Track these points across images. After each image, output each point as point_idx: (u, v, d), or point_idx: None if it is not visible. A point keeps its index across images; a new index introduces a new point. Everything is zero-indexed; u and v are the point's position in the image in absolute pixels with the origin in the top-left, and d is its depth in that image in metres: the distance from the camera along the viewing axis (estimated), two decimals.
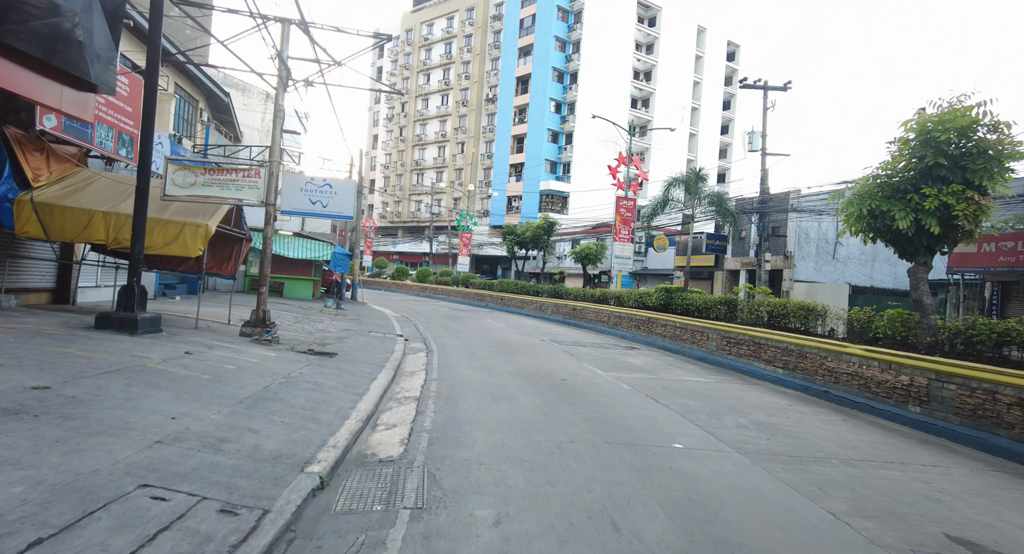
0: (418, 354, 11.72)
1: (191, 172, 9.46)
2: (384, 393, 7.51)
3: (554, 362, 11.54)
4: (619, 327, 18.81)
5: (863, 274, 26.24)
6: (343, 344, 11.24)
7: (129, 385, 5.41)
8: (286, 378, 7.01)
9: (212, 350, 7.95)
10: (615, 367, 11.44)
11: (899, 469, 5.57)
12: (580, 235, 42.13)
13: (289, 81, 9.95)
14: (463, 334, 16.05)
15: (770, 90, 25.37)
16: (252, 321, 9.82)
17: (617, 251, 20.20)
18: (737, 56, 67.33)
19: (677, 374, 11.18)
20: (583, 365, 11.41)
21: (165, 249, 9.44)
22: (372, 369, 8.83)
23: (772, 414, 7.89)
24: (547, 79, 52.99)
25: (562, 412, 6.95)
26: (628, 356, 13.52)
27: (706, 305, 14.61)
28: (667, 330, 15.69)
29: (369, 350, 10.90)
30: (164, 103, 15.59)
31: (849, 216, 8.71)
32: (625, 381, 9.73)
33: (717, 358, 13.03)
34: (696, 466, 5.17)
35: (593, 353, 13.61)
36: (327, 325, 14.81)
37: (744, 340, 12.17)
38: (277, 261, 24.63)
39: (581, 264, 25.06)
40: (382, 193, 71.26)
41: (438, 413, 6.54)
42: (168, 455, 3.91)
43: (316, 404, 6.09)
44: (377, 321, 17.80)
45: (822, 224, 26.16)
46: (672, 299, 16.17)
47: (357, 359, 9.48)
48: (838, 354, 9.22)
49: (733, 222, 19.18)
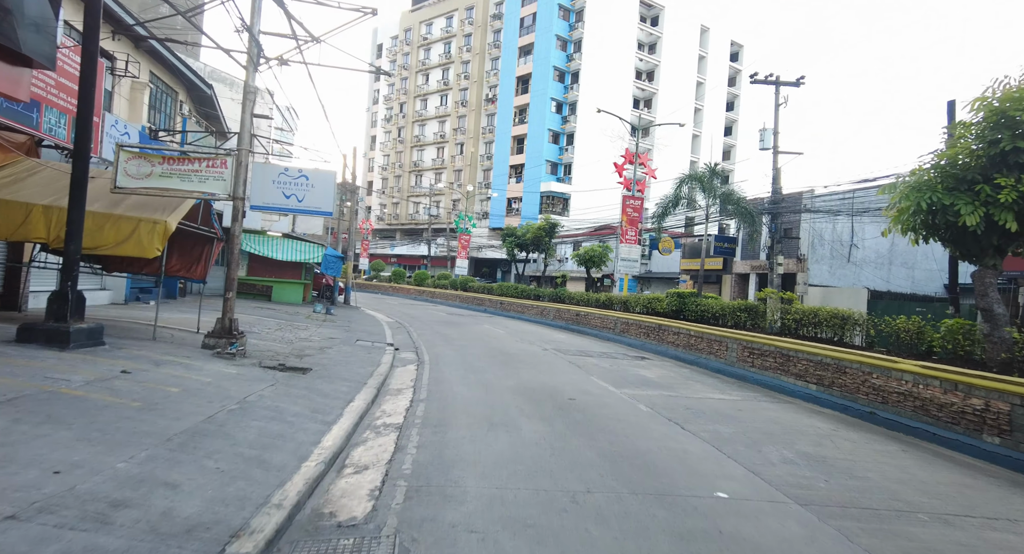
0: (408, 367, 10.53)
1: (147, 161, 8.28)
2: (360, 420, 6.31)
3: (559, 376, 10.35)
4: (626, 334, 17.62)
5: (879, 278, 25.06)
6: (323, 356, 10.05)
7: (17, 422, 4.21)
8: (240, 403, 5.81)
9: (159, 367, 6.76)
10: (627, 382, 10.25)
11: (1011, 530, 4.37)
12: (582, 237, 40.98)
13: (261, 59, 8.80)
14: (459, 342, 14.87)
15: (782, 85, 24.24)
16: (216, 331, 8.63)
17: (624, 253, 19.03)
18: (741, 56, 66.32)
19: (697, 390, 9.99)
20: (591, 379, 10.21)
21: (118, 249, 8.25)
22: (351, 388, 7.63)
23: (818, 442, 6.70)
24: (548, 79, 51.93)
25: (573, 445, 5.75)
26: (640, 368, 12.33)
27: (723, 312, 13.43)
28: (680, 338, 14.51)
29: (352, 363, 9.71)
30: (137, 92, 14.44)
31: (902, 212, 7.53)
32: (641, 400, 8.53)
33: (738, 370, 11.84)
34: (753, 529, 3.98)
35: (601, 364, 12.42)
36: (311, 332, 13.63)
37: (770, 351, 10.98)
38: (265, 264, 23.49)
39: (585, 267, 23.88)
40: (380, 195, 70.14)
41: (422, 448, 5.35)
42: (15, 541, 2.72)
43: (270, 439, 4.90)
44: (368, 327, 16.62)
45: (837, 225, 25.01)
46: (685, 305, 14.99)
47: (335, 375, 8.29)
48: (886, 370, 8.03)
49: (752, 222, 17.99)
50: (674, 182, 17.87)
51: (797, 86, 24.59)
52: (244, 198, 8.63)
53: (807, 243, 24.92)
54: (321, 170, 9.10)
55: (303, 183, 8.66)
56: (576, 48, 52.70)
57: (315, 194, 8.76)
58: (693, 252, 31.91)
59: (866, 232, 25.18)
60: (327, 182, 8.83)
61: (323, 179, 8.80)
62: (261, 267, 23.71)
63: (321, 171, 9.01)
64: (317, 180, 8.75)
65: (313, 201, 8.75)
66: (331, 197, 8.88)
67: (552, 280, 33.22)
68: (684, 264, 32.15)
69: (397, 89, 68.97)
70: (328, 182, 8.83)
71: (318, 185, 8.76)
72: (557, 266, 41.34)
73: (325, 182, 8.81)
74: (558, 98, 52.67)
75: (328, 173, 8.95)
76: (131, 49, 13.89)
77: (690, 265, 31.68)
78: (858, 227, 25.12)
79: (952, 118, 15.42)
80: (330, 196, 8.86)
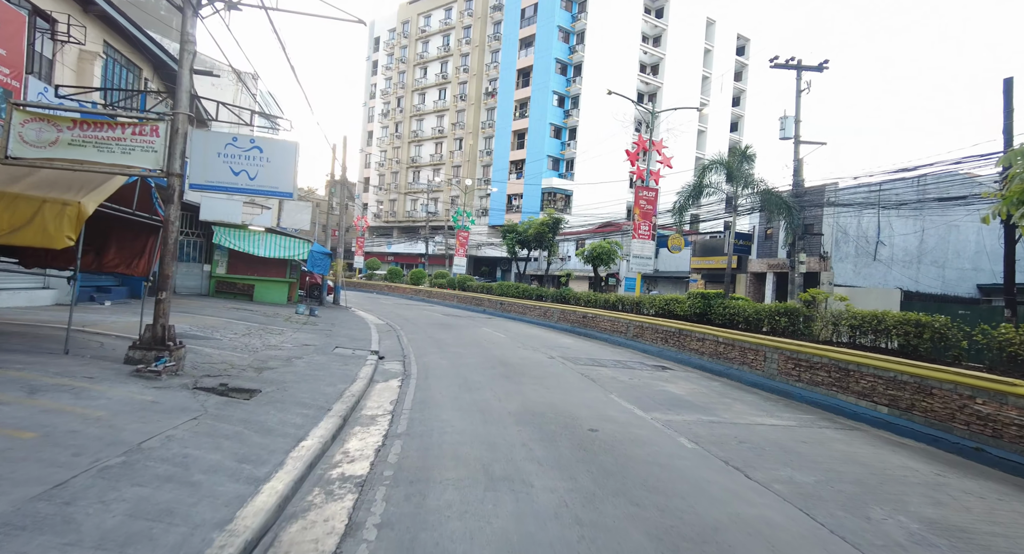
0: (390, 382, 8.76)
1: (52, 125, 6.50)
2: (309, 470, 4.54)
3: (572, 394, 8.58)
4: (640, 339, 15.85)
5: (907, 277, 23.32)
6: (287, 369, 8.27)
7: None
8: (128, 454, 4.04)
9: (33, 396, 4.98)
10: (654, 401, 8.48)
11: None
12: (586, 235, 39.22)
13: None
14: (454, 349, 13.10)
15: (804, 70, 22.53)
16: (145, 341, 6.84)
17: (636, 249, 17.25)
18: (747, 50, 64.51)
19: (741, 413, 8.22)
20: (611, 398, 8.44)
21: (14, 237, 6.47)
22: (307, 418, 5.86)
23: (934, 499, 4.94)
24: (550, 71, 50.14)
25: (610, 517, 3.98)
26: (663, 381, 10.56)
27: (758, 315, 11.67)
28: (705, 346, 12.74)
29: (320, 379, 7.93)
30: (86, 62, 12.65)
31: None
32: (680, 430, 6.77)
33: (779, 385, 10.08)
34: None
35: (618, 377, 10.65)
36: (285, 338, 11.86)
37: (821, 363, 9.22)
38: (247, 261, 21.71)
39: (592, 265, 22.10)
40: (377, 191, 68.36)
41: (388, 528, 3.57)
42: None
43: (145, 524, 3.12)
44: (352, 332, 14.85)
45: (862, 220, 23.25)
46: (711, 307, 13.21)
47: (292, 398, 6.51)
48: (999, 395, 6.26)
49: (788, 214, 16.18)
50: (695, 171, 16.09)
51: (820, 71, 22.87)
52: (181, 175, 6.85)
53: (831, 240, 23.17)
54: (279, 140, 7.33)
55: (256, 157, 6.89)
56: (579, 40, 50.93)
57: (272, 170, 6.98)
58: (705, 250, 30.16)
59: (893, 228, 23.44)
60: (287, 155, 7.04)
61: (282, 152, 7.02)
62: (242, 264, 21.91)
63: (279, 141, 7.23)
64: (274, 153, 6.97)
65: (269, 179, 6.97)
66: (291, 174, 7.09)
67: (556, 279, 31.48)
68: (695, 262, 30.40)
69: (394, 83, 67.17)
70: (288, 155, 7.04)
71: (276, 159, 6.98)
72: (559, 265, 39.56)
73: (284, 155, 7.03)
74: (560, 91, 50.89)
75: (288, 145, 7.15)
76: (78, 12, 12.11)
77: (701, 264, 29.93)
78: (884, 223, 23.39)
79: (1009, 97, 13.78)
80: (290, 173, 7.08)
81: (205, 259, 21.88)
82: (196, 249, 21.76)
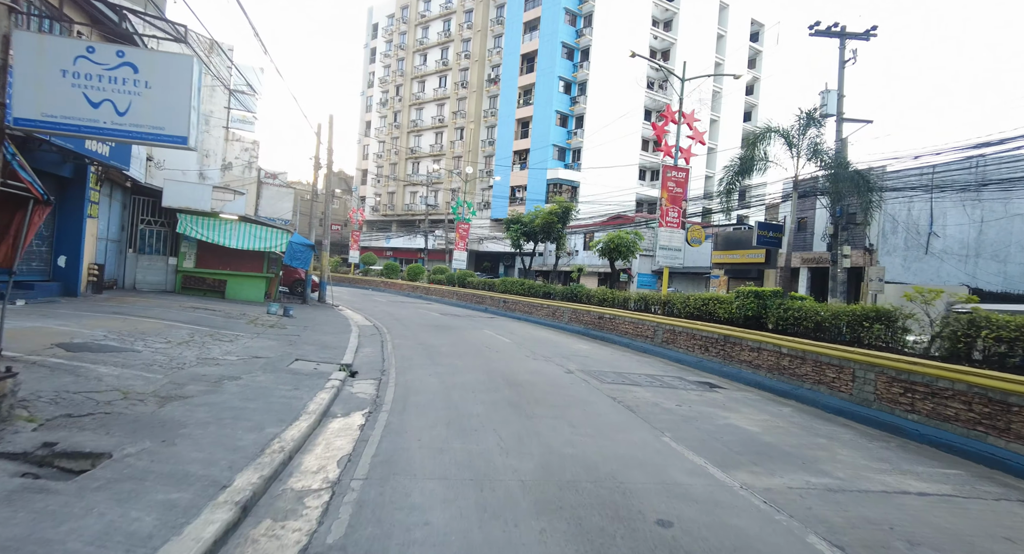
0: (351, 418, 6.21)
1: None
2: None
3: (609, 436, 6.02)
4: (672, 346, 13.28)
5: (964, 273, 20.67)
6: (202, 401, 5.73)
7: None
8: None
9: None
10: (729, 448, 5.92)
11: None
12: (595, 228, 36.57)
13: None
14: (448, 360, 10.56)
15: (848, 38, 19.89)
16: None
17: (663, 240, 14.64)
18: (761, 36, 61.60)
19: (856, 465, 5.64)
20: (668, 444, 5.88)
21: None
22: (170, 514, 3.31)
23: None
24: (555, 56, 47.38)
25: None
26: (722, 409, 8.00)
27: (836, 321, 9.07)
28: (762, 357, 10.15)
29: (242, 419, 5.38)
30: None
31: None
32: (797, 512, 4.20)
33: (879, 415, 7.51)
34: None
35: (661, 402, 8.09)
36: (234, 347, 9.33)
37: (955, 391, 6.63)
38: (219, 253, 19.18)
39: (608, 258, 19.50)
40: (375, 183, 65.76)
41: None
42: None
43: None
44: (326, 337, 12.32)
45: (912, 209, 20.60)
46: (767, 309, 10.62)
47: (164, 468, 3.96)
48: None
49: (868, 195, 13.45)
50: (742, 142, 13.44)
51: (866, 39, 20.20)
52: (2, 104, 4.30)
53: (877, 231, 20.52)
54: (164, 53, 4.83)
55: (128, 79, 4.37)
56: (586, 23, 48.16)
57: (154, 101, 4.46)
58: (728, 243, 27.53)
59: (947, 218, 20.78)
60: (179, 77, 4.50)
61: (169, 71, 4.48)
62: (213, 257, 19.38)
63: (164, 55, 4.70)
64: (157, 73, 4.43)
65: (149, 115, 4.45)
66: (185, 109, 4.54)
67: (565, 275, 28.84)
68: (716, 257, 27.77)
69: (393, 71, 64.49)
70: (180, 77, 4.50)
71: (159, 84, 4.45)
72: (567, 260, 36.95)
73: (175, 77, 4.49)
74: (566, 77, 48.13)
75: (180, 58, 4.58)
76: None
77: (724, 258, 27.31)
78: (937, 212, 20.73)
79: None
80: (184, 105, 4.53)
81: (171, 251, 19.37)
82: (160, 240, 19.25)
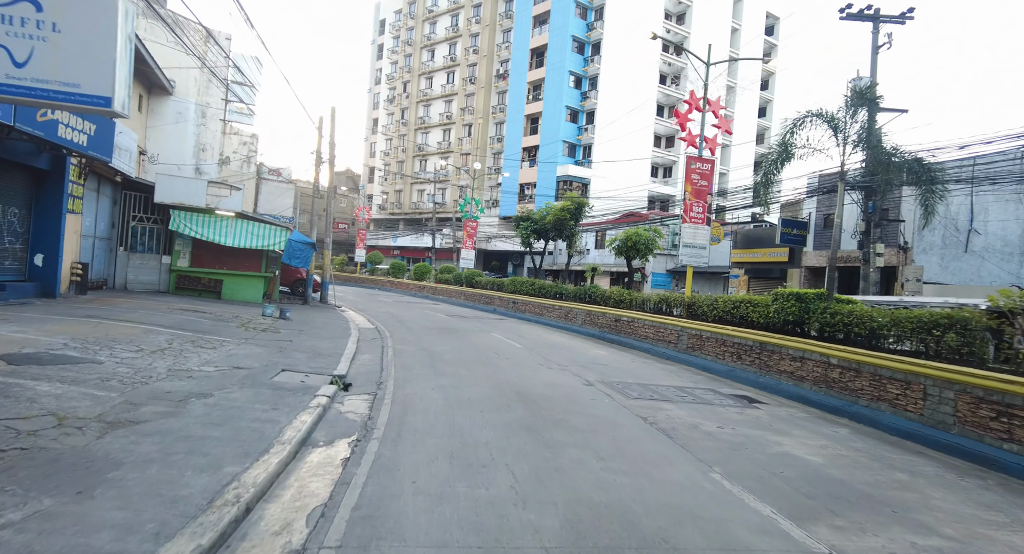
0: (334, 449, 5.17)
1: None
2: None
3: (647, 472, 4.93)
4: (698, 353, 12.15)
5: (1007, 273, 19.30)
6: (156, 427, 4.72)
7: None
8: None
9: None
10: (794, 488, 4.81)
11: None
12: (606, 226, 35.37)
13: None
14: (453, 368, 9.50)
15: (883, 22, 18.67)
16: None
17: (687, 237, 13.49)
18: (776, 30, 60.11)
19: (967, 520, 4.53)
20: (721, 484, 4.79)
21: None
22: None
23: None
24: (566, 50, 46.19)
25: None
26: (770, 431, 6.88)
27: (899, 327, 7.92)
28: (806, 368, 9.01)
29: (197, 453, 4.34)
30: None
31: None
32: None
33: (962, 442, 6.37)
34: None
35: (699, 423, 6.98)
36: (215, 356, 8.33)
37: None
38: (214, 251, 18.25)
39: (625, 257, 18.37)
40: (382, 181, 64.92)
41: None
42: None
43: None
44: (322, 343, 11.30)
45: (950, 204, 19.27)
46: (809, 313, 9.46)
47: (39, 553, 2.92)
48: None
49: (930, 187, 12.15)
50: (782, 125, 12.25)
51: (902, 22, 19.01)
52: None
53: (913, 228, 19.24)
54: None
55: (28, 18, 3.34)
56: (597, 16, 46.96)
57: (63, 49, 3.41)
58: (748, 241, 26.29)
59: (989, 213, 19.43)
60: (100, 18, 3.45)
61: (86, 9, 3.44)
62: (209, 256, 18.47)
63: None
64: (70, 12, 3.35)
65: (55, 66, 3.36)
66: (109, 60, 3.52)
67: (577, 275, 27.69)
68: (736, 256, 26.55)
69: (400, 68, 63.55)
70: (103, 18, 3.45)
71: (72, 26, 3.38)
72: (578, 259, 35.81)
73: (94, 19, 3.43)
74: (577, 72, 46.95)
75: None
76: None
77: (744, 257, 26.08)
78: (978, 207, 19.40)
79: None
80: (106, 57, 3.50)
81: (164, 250, 18.47)
82: (153, 237, 18.36)
